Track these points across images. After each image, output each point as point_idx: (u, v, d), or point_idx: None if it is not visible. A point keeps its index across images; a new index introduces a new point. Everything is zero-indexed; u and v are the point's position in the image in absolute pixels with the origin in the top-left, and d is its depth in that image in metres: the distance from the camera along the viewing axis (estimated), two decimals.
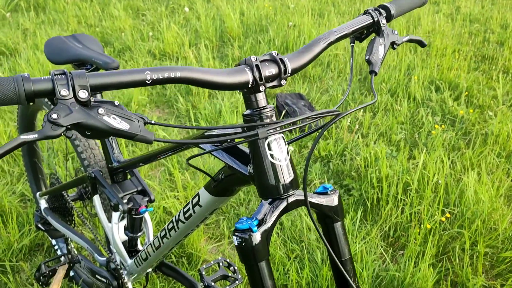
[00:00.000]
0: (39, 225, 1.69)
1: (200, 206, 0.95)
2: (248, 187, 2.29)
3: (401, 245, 1.97)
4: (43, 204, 1.69)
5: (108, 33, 4.13)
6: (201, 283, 1.36)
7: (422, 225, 1.94)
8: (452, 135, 2.65)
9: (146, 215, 1.35)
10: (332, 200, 0.81)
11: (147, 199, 1.28)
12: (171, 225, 1.07)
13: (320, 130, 0.77)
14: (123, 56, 3.74)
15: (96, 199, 1.37)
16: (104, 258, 1.44)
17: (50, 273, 1.46)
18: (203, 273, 1.39)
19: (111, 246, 1.40)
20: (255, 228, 0.73)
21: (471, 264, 1.83)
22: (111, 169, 1.30)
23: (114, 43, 3.92)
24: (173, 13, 4.61)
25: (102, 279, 1.41)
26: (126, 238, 1.38)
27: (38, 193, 1.69)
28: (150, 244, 1.20)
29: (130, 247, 1.37)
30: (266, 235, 0.74)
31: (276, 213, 0.75)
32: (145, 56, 3.69)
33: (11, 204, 2.13)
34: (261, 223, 0.75)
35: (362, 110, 2.91)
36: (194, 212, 0.97)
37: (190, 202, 0.97)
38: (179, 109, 3.06)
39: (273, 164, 0.74)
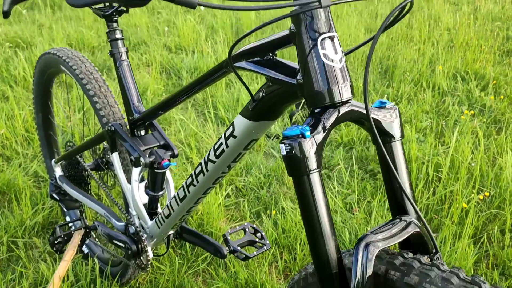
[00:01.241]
0: (54, 195, 1.61)
1: (235, 137, 0.85)
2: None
3: (433, 227, 1.85)
4: (58, 172, 1.60)
5: (124, 28, 4.10)
6: (227, 248, 1.26)
7: (458, 206, 1.82)
8: (482, 121, 2.53)
9: (168, 174, 1.26)
10: (391, 115, 0.71)
11: (170, 153, 1.19)
12: (198, 168, 0.98)
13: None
14: (139, 50, 3.70)
15: (115, 157, 1.28)
16: (123, 223, 1.35)
17: (65, 238, 1.36)
18: (228, 237, 1.29)
19: (130, 209, 1.30)
20: (307, 133, 0.64)
21: None
22: (132, 122, 1.21)
23: (130, 37, 3.89)
24: (188, 12, 4.58)
25: (121, 244, 1.31)
26: (146, 199, 1.28)
27: (53, 160, 1.61)
28: (174, 196, 1.10)
29: (151, 208, 1.27)
30: (319, 143, 0.65)
31: (328, 122, 0.66)
32: (160, 49, 3.64)
33: (25, 184, 2.05)
34: (312, 131, 0.65)
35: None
36: (227, 147, 0.87)
37: (223, 136, 0.88)
38: (196, 98, 2.99)
39: (326, 65, 0.65)
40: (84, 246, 1.74)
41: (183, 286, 1.62)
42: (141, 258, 1.30)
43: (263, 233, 1.32)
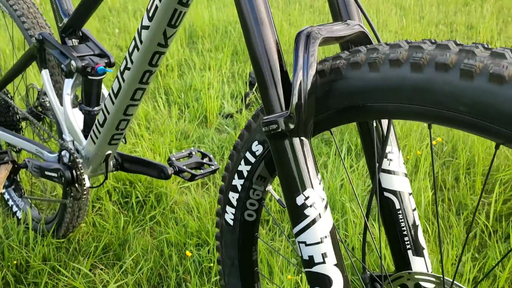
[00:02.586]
0: None
1: None
2: None
3: None
4: None
5: None
6: (171, 169, 1.16)
7: (412, 154, 1.79)
8: None
9: (105, 90, 1.16)
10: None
11: (106, 60, 1.10)
12: (132, 45, 0.89)
13: None
14: None
15: (45, 75, 1.18)
16: (56, 154, 1.22)
17: None
18: (173, 159, 1.19)
19: (64, 136, 1.19)
20: None
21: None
22: (62, 29, 1.12)
23: None
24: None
25: (53, 174, 1.18)
26: (81, 120, 1.17)
27: None
28: (109, 94, 1.00)
29: (86, 128, 1.16)
30: None
31: None
32: (111, 48, 3.55)
33: None
34: None
35: None
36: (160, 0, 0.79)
37: None
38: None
39: None
40: (15, 207, 1.59)
41: (128, 241, 1.49)
42: (77, 187, 1.17)
43: (211, 156, 1.23)
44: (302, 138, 0.59)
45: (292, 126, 0.58)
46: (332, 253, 0.59)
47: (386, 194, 0.69)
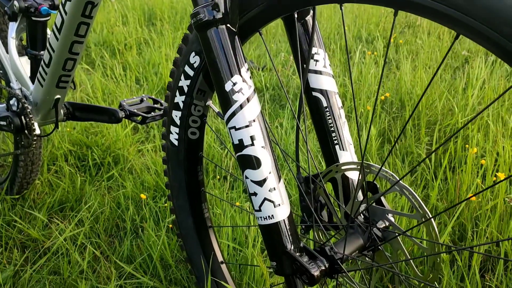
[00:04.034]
0: None
1: None
2: None
3: None
4: None
5: None
6: (122, 112, 1.18)
7: (363, 109, 1.87)
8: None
9: (50, 33, 1.17)
10: None
11: (50, 2, 1.11)
12: None
13: None
14: None
15: None
16: (4, 104, 1.22)
17: None
18: (124, 104, 1.22)
19: (11, 84, 1.19)
20: None
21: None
22: None
23: None
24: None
25: (2, 123, 1.18)
26: (28, 68, 1.18)
27: None
28: (52, 30, 1.01)
29: (33, 75, 1.16)
30: None
31: None
32: None
33: None
34: None
35: None
36: None
37: None
38: (104, 64, 2.88)
39: None
40: None
41: (84, 198, 1.50)
42: (27, 134, 1.18)
43: (162, 102, 1.26)
44: (229, 26, 0.63)
45: (218, 15, 0.62)
46: (260, 136, 0.64)
47: (314, 93, 0.74)
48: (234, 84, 0.63)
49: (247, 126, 0.63)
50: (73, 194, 1.49)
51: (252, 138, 0.64)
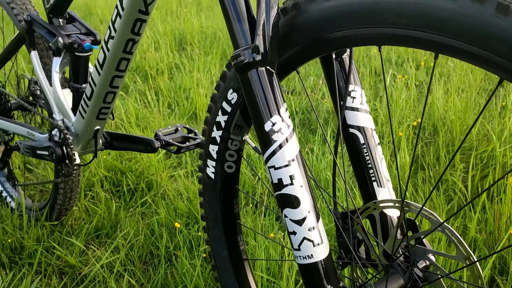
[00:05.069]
0: None
1: None
2: None
3: None
4: None
5: None
6: (158, 142, 1.21)
7: (395, 135, 1.85)
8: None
9: (92, 67, 1.22)
10: None
11: (92, 38, 1.16)
12: (114, 14, 0.95)
13: None
14: None
15: (34, 55, 1.23)
16: (46, 134, 1.27)
17: None
18: (160, 133, 1.25)
19: (53, 115, 1.24)
20: None
21: None
22: (50, 9, 1.17)
23: None
24: None
25: (44, 152, 1.23)
26: (70, 99, 1.22)
27: None
28: (94, 66, 1.05)
29: (75, 106, 1.21)
30: None
31: None
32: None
33: None
34: None
35: None
36: None
37: None
38: (136, 89, 2.96)
39: None
40: (8, 198, 1.63)
41: (119, 224, 1.53)
42: (68, 163, 1.22)
43: (197, 131, 1.28)
44: (268, 68, 0.64)
45: (258, 57, 0.63)
46: (299, 175, 0.64)
47: (351, 130, 0.75)
48: (274, 124, 0.64)
49: (286, 166, 0.64)
50: (108, 220, 1.52)
51: (291, 177, 0.64)
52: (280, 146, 0.64)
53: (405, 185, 1.54)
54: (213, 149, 0.86)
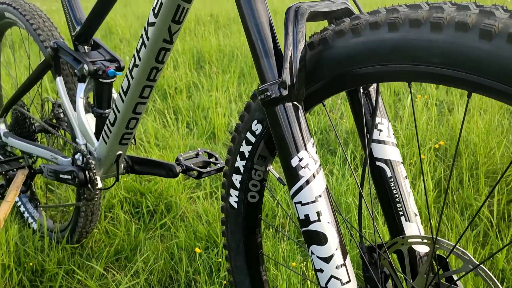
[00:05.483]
0: None
1: None
2: None
3: None
4: (2, 128, 1.53)
5: None
6: (179, 167, 1.21)
7: (416, 158, 1.82)
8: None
9: (115, 93, 1.23)
10: None
11: (116, 64, 1.17)
12: (139, 43, 0.95)
13: None
14: None
15: (59, 82, 1.25)
16: (69, 158, 1.28)
17: (8, 177, 1.28)
18: (181, 158, 1.25)
19: (77, 140, 1.25)
20: None
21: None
22: (75, 37, 1.20)
23: None
24: None
25: (67, 176, 1.24)
26: (93, 124, 1.24)
27: None
28: (118, 93, 1.06)
29: (98, 131, 1.22)
30: None
31: None
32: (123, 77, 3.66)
33: None
34: None
35: None
36: None
37: None
38: (156, 108, 2.99)
39: None
40: (30, 218, 1.64)
41: (138, 247, 1.53)
42: (90, 187, 1.23)
43: (218, 156, 1.28)
44: (295, 103, 0.64)
45: (285, 93, 0.63)
46: (326, 212, 0.63)
47: (378, 163, 0.73)
48: (301, 159, 0.63)
49: (313, 202, 0.63)
50: (128, 243, 1.52)
51: (318, 213, 0.63)
52: (307, 182, 0.63)
53: (429, 211, 1.51)
54: (237, 178, 0.86)
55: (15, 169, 1.30)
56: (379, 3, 5.28)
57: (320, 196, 0.63)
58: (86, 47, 1.21)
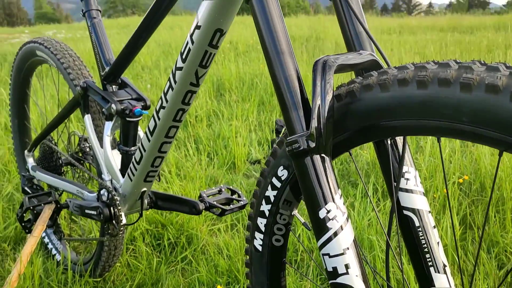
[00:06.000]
0: (26, 188, 1.56)
1: (199, 27, 0.86)
2: None
3: None
4: (30, 162, 1.57)
5: None
6: (202, 204, 1.22)
7: (440, 192, 1.80)
8: None
9: (141, 131, 1.26)
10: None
11: (142, 103, 1.20)
12: (166, 86, 0.98)
13: None
14: None
15: (88, 119, 1.28)
16: (95, 194, 1.31)
17: (35, 212, 1.31)
18: (204, 195, 1.26)
19: (103, 175, 1.27)
20: None
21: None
22: (104, 77, 1.23)
23: None
24: None
25: (92, 212, 1.26)
26: (119, 160, 1.26)
27: (26, 151, 1.59)
28: (145, 132, 1.09)
29: (123, 168, 1.24)
30: None
31: None
32: None
33: None
34: None
35: None
36: (193, 43, 0.88)
37: (188, 35, 0.89)
38: (177, 138, 3.03)
39: None
40: (54, 250, 1.66)
41: (160, 281, 1.53)
42: (114, 223, 1.24)
43: (240, 192, 1.29)
44: (323, 155, 0.64)
45: (312, 145, 0.64)
46: (355, 264, 0.63)
47: (405, 212, 0.73)
48: (328, 211, 0.64)
49: (341, 254, 0.63)
50: (149, 277, 1.53)
51: (346, 266, 0.63)
52: (335, 234, 0.63)
53: (453, 249, 1.48)
54: (261, 222, 0.86)
55: (42, 204, 1.32)
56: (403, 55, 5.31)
57: (348, 248, 0.63)
58: (114, 86, 1.25)
